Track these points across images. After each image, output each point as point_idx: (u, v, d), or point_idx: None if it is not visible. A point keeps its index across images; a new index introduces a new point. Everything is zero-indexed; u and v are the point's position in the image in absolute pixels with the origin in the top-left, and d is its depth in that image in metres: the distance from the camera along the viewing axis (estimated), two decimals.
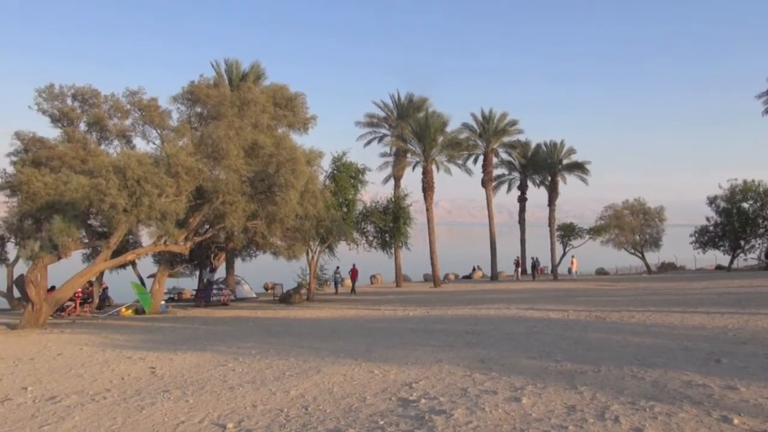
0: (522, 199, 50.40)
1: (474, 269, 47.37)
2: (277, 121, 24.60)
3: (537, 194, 51.62)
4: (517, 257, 46.37)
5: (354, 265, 32.12)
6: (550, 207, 47.36)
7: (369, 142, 41.39)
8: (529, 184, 50.15)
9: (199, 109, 24.98)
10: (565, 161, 47.46)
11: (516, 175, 50.50)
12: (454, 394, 6.90)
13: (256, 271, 35.78)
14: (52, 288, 20.53)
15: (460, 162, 39.94)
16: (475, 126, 43.21)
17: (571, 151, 47.55)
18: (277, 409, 6.75)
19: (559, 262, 42.30)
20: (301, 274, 30.58)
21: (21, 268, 20.31)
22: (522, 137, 46.27)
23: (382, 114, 40.96)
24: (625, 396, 6.45)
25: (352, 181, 28.74)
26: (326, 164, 28.31)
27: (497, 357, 9.31)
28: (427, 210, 37.63)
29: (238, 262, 32.00)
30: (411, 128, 36.98)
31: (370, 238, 30.68)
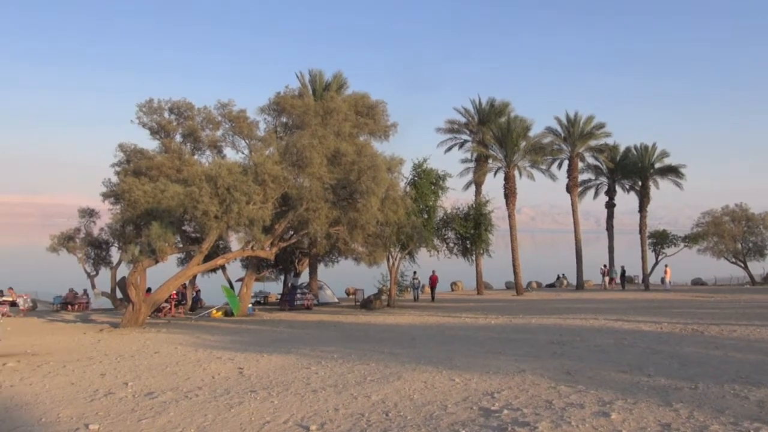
0: (610, 205, 48.25)
1: (558, 277, 45.87)
2: (358, 129, 25.00)
3: (626, 200, 49.33)
4: (605, 265, 44.44)
5: (433, 272, 31.94)
6: (641, 213, 45.00)
7: (450, 149, 41.15)
8: (618, 189, 47.95)
9: (284, 119, 25.86)
10: (657, 165, 45.03)
11: (603, 180, 48.43)
12: (538, 406, 6.71)
13: (338, 277, 36.40)
14: (149, 290, 21.85)
15: (543, 167, 38.85)
16: (559, 130, 41.93)
17: (664, 154, 45.02)
18: (358, 413, 6.82)
19: (651, 272, 40.14)
20: (381, 280, 30.80)
21: (123, 271, 21.76)
22: (609, 140, 44.40)
23: (462, 120, 40.64)
24: (726, 416, 6.01)
25: (432, 187, 28.65)
26: (407, 171, 28.45)
27: (584, 369, 8.96)
28: (509, 216, 36.88)
29: (320, 267, 32.70)
30: (492, 133, 36.40)
31: (451, 244, 30.43)
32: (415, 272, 31.69)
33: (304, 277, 32.32)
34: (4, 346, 13.41)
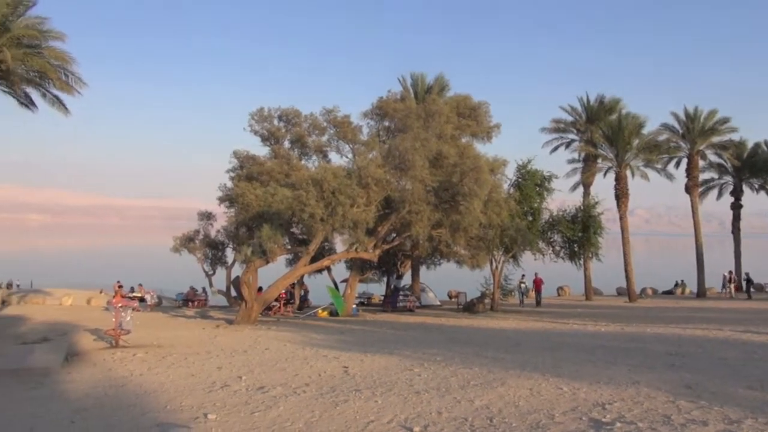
0: (736, 206, 44.33)
1: (676, 284, 42.81)
2: (460, 131, 24.80)
3: (755, 200, 45.12)
4: (730, 271, 40.87)
5: (537, 274, 30.92)
6: None
7: (555, 149, 39.77)
8: (745, 189, 43.99)
9: (387, 123, 26.19)
10: None
11: (728, 179, 44.61)
12: (654, 421, 6.30)
13: (440, 279, 36.30)
14: (261, 289, 22.96)
15: (658, 166, 36.49)
16: (676, 126, 39.16)
17: None
18: (461, 417, 6.76)
19: None
20: (484, 284, 30.33)
21: (237, 271, 23.05)
22: (735, 136, 40.83)
23: (569, 118, 39.14)
24: None
25: (537, 189, 27.82)
26: (510, 172, 27.83)
27: (707, 384, 8.29)
28: (621, 219, 34.98)
29: (423, 269, 32.79)
30: (602, 132, 34.73)
31: (557, 248, 29.36)
32: (523, 275, 30.78)
33: (407, 279, 32.55)
34: (134, 338, 14.67)
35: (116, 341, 14.00)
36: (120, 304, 15.11)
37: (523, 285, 31.25)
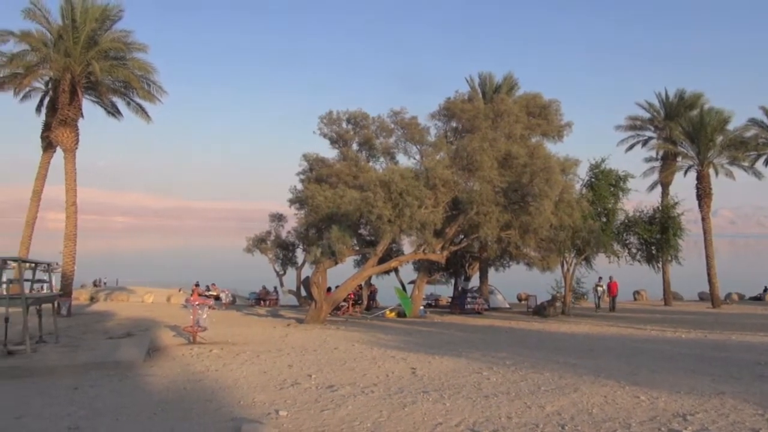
0: None
1: (765, 289, 40.11)
2: (530, 131, 24.31)
3: None
4: None
5: (611, 278, 29.66)
6: None
7: (631, 147, 38.20)
8: None
9: (454, 124, 26.05)
10: None
11: None
12: None
13: (509, 282, 35.66)
14: (330, 289, 23.35)
15: (745, 164, 34.32)
16: (766, 121, 36.76)
17: None
18: (532, 423, 6.61)
19: None
20: (555, 287, 29.55)
21: (306, 271, 23.55)
22: None
23: (646, 115, 37.51)
24: None
25: (612, 189, 26.81)
26: (583, 172, 26.98)
27: None
28: (703, 220, 33.14)
29: (491, 271, 32.33)
30: (682, 128, 33.01)
31: (633, 250, 28.17)
32: (600, 278, 29.58)
33: (475, 281, 32.21)
34: (210, 335, 15.27)
35: (193, 338, 14.62)
36: (197, 302, 15.78)
37: (600, 289, 30.00)
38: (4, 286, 12.38)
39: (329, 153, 27.24)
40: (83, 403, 8.06)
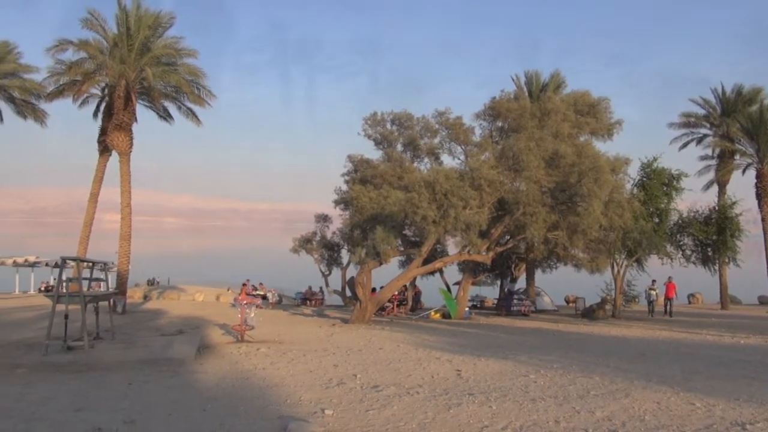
0: None
1: None
2: (578, 129, 23.78)
3: None
4: None
5: (670, 278, 28.16)
6: None
7: (685, 145, 36.90)
8: None
9: (500, 123, 25.74)
10: None
11: None
12: None
13: (557, 283, 35.00)
14: (374, 289, 23.43)
15: None
16: None
17: None
18: (581, 428, 6.46)
19: None
20: (605, 289, 28.79)
21: (351, 271, 23.72)
22: None
23: (701, 112, 36.15)
24: None
25: (664, 188, 25.94)
26: (634, 171, 26.20)
27: None
28: (763, 220, 31.68)
29: (538, 273, 31.82)
30: (740, 125, 31.67)
31: (688, 252, 27.18)
32: (654, 281, 28.44)
33: (521, 283, 31.75)
34: (257, 333, 15.55)
35: (241, 336, 14.93)
36: (245, 302, 16.10)
37: (653, 292, 28.73)
38: (64, 284, 12.91)
39: (374, 154, 27.38)
40: (137, 397, 8.34)
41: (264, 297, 29.73)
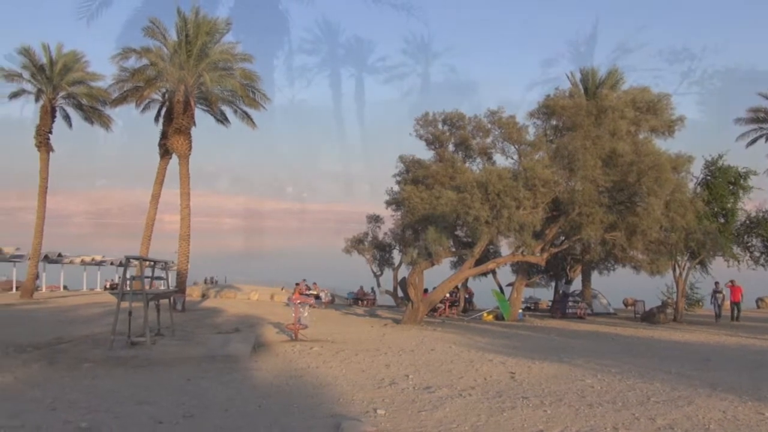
0: None
1: None
2: (637, 127, 23.00)
3: None
4: None
5: (734, 281, 26.81)
6: None
7: (753, 141, 35.19)
8: None
9: (554, 122, 25.18)
10: None
11: None
12: None
13: (614, 286, 33.96)
14: (426, 290, 23.36)
15: None
16: None
17: None
18: None
19: None
20: (666, 292, 27.72)
21: (403, 272, 23.72)
22: None
23: None
24: None
25: (731, 187, 24.77)
26: (697, 169, 25.14)
27: None
28: None
29: (594, 275, 31.00)
30: None
31: (757, 253, 25.85)
32: (717, 283, 27.14)
33: (576, 285, 30.99)
34: (311, 332, 15.78)
35: (295, 335, 15.18)
36: (299, 301, 16.35)
37: (719, 296, 27.32)
38: (128, 282, 13.46)
39: (425, 154, 27.31)
40: (195, 393, 8.60)
41: (317, 297, 30.13)
